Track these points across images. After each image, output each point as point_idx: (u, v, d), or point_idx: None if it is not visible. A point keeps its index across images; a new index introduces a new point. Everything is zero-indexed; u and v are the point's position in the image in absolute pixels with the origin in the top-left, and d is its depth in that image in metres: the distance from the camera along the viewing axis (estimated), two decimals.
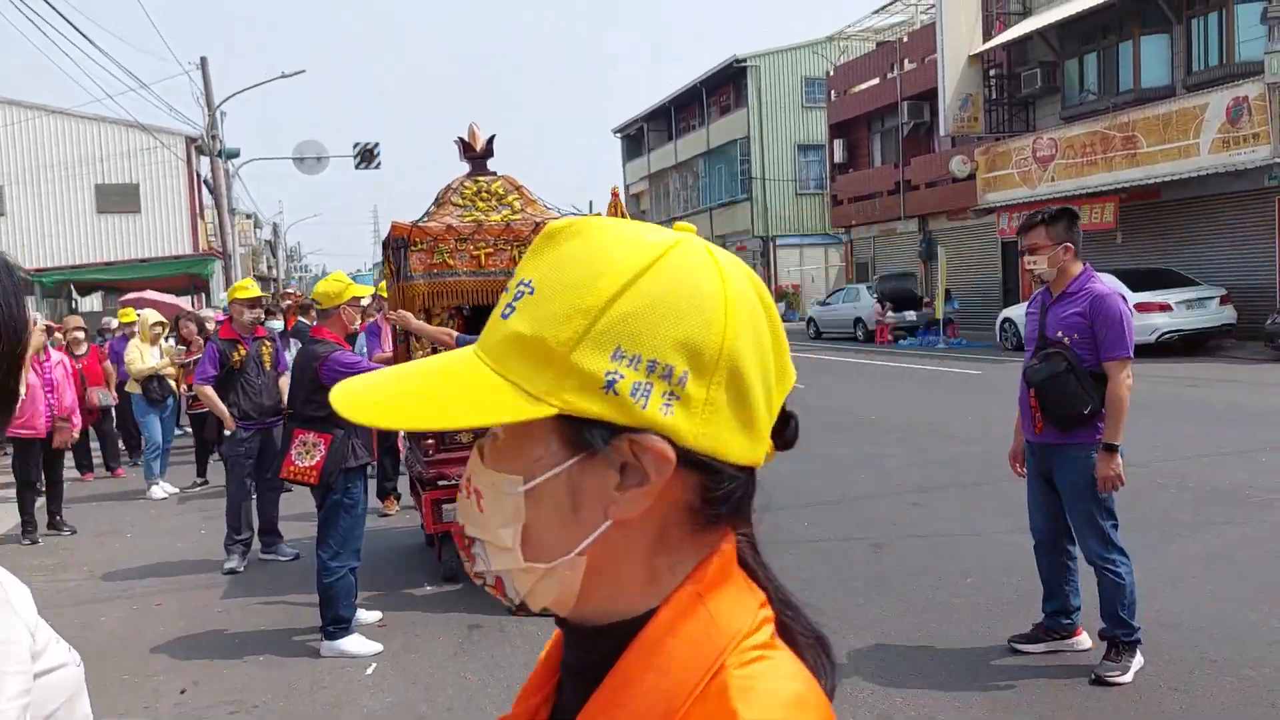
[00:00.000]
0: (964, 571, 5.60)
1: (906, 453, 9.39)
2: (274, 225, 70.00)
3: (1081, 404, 4.05)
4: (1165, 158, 18.72)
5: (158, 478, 9.70)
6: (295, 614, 5.54)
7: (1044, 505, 4.37)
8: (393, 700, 4.26)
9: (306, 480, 4.87)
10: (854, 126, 33.13)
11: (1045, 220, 4.23)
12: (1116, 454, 4.04)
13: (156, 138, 30.60)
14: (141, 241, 32.93)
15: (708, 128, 43.33)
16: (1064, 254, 4.18)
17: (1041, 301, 4.33)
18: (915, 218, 29.41)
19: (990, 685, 4.09)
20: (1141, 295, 16.60)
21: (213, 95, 25.20)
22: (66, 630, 4.05)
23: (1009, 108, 25.03)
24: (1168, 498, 7.00)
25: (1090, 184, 20.34)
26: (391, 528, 7.66)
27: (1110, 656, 4.10)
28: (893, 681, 4.17)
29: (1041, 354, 4.18)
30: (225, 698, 4.39)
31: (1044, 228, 4.21)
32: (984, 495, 7.37)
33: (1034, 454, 4.36)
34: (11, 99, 33.23)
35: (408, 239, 5.66)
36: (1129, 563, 4.15)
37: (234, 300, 7.18)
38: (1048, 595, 4.42)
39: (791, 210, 40.16)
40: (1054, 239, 4.19)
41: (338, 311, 4.99)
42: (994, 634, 4.62)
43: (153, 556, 7.15)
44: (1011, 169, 22.62)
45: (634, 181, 53.68)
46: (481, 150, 6.10)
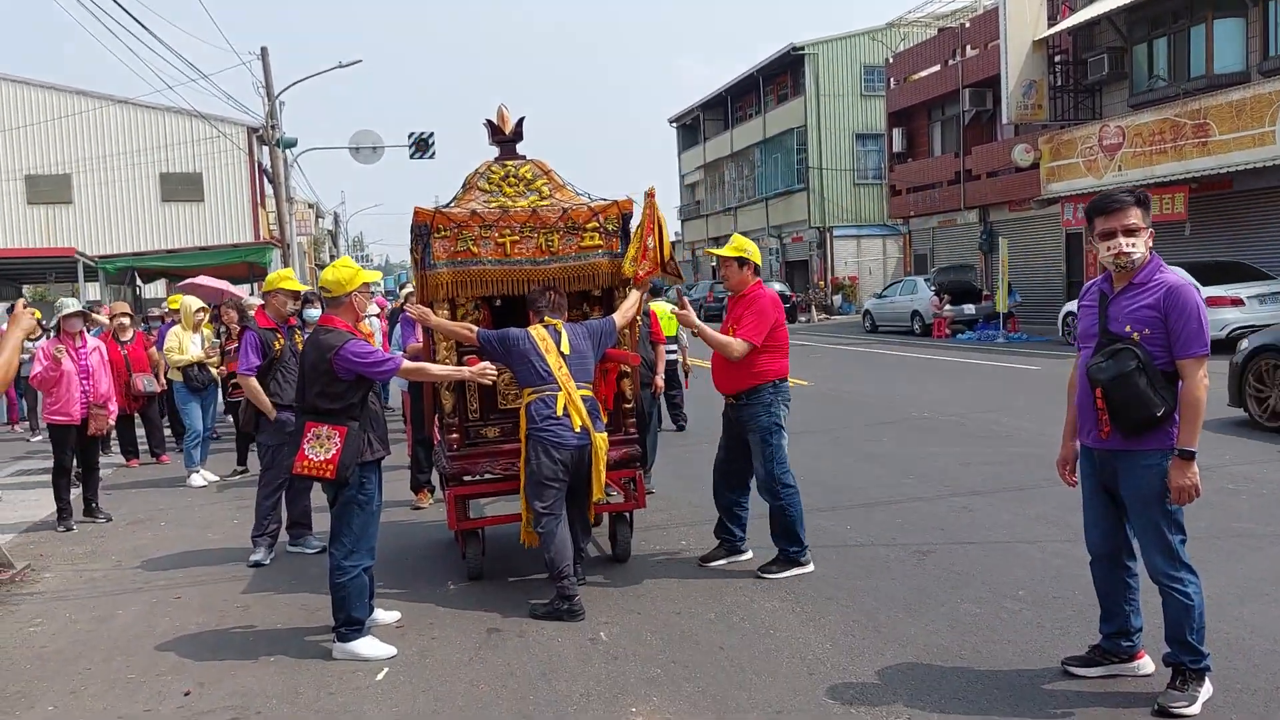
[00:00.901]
0: (1015, 584, 5.24)
1: (959, 453, 8.98)
2: (335, 215, 70.85)
3: (1154, 406, 3.67)
4: (1238, 146, 17.93)
5: (198, 466, 9.67)
6: (313, 612, 5.36)
7: (1103, 518, 3.99)
8: (399, 711, 4.04)
9: (322, 475, 4.66)
10: (913, 115, 32.40)
11: (1139, 201, 3.81)
12: (1193, 462, 3.67)
13: (218, 128, 30.99)
14: (204, 229, 33.44)
15: (764, 116, 42.78)
16: (1150, 239, 3.80)
17: (1100, 292, 3.93)
18: (976, 208, 28.69)
19: (1042, 712, 3.74)
20: (1212, 289, 15.92)
21: (272, 85, 25.39)
22: (82, 623, 3.90)
23: (1074, 95, 24.20)
24: (1238, 505, 6.55)
25: (1159, 174, 19.57)
26: (423, 521, 7.48)
27: (1176, 685, 3.73)
28: (934, 705, 3.85)
29: (1107, 350, 3.79)
30: (228, 701, 4.21)
31: (1139, 208, 3.79)
32: (1040, 500, 6.97)
33: (1093, 462, 3.97)
34: (80, 89, 33.89)
35: (431, 225, 5.43)
36: (1198, 582, 3.78)
37: (278, 290, 7.02)
38: (1106, 615, 4.06)
39: (849, 200, 39.50)
40: (1147, 222, 3.81)
41: (349, 299, 4.77)
42: (1046, 655, 4.26)
43: (182, 546, 7.05)
44: (1076, 158, 21.86)
45: (689, 171, 53.29)
46: (511, 133, 5.85)
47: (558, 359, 5.21)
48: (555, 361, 5.20)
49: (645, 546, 6.31)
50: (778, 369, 5.63)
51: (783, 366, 5.66)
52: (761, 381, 5.59)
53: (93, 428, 7.98)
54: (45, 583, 6.26)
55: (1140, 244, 3.78)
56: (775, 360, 5.62)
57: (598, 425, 5.29)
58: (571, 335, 5.36)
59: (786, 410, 5.67)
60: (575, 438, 5.14)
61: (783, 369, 5.66)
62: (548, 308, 5.40)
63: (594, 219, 5.63)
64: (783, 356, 5.67)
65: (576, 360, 5.29)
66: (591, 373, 5.41)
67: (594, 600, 5.22)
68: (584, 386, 5.29)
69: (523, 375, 5.26)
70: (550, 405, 5.14)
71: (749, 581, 5.53)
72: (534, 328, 5.32)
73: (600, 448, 5.25)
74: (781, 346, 5.65)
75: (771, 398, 5.59)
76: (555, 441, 5.12)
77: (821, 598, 5.19)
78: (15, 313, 4.68)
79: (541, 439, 5.14)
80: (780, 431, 5.61)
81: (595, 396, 5.40)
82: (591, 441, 5.21)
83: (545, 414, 5.14)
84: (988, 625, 4.67)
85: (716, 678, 4.22)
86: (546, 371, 5.18)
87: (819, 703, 3.93)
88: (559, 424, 5.13)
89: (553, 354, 5.21)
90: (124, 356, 10.39)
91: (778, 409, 5.60)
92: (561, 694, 4.13)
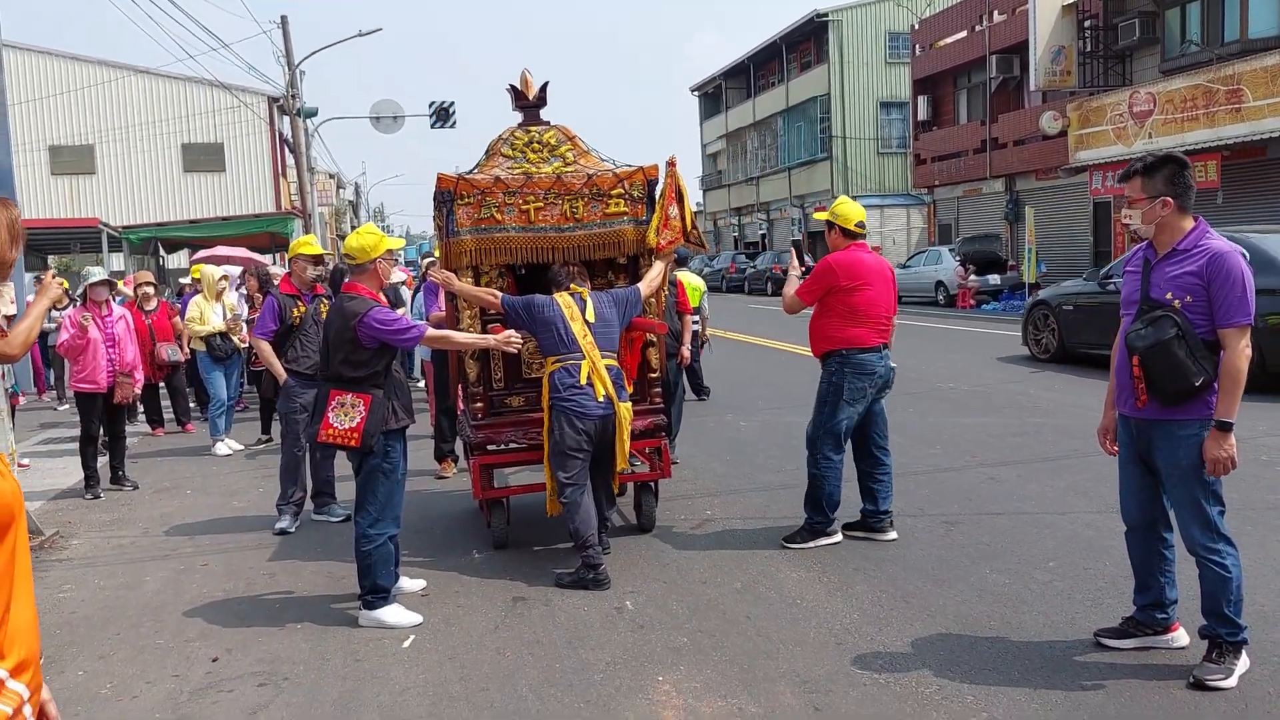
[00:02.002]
0: (1045, 555, 5.18)
1: (985, 424, 8.89)
2: (356, 185, 70.93)
3: (1193, 375, 3.58)
4: (1273, 112, 17.58)
5: (222, 435, 9.70)
6: (339, 580, 5.37)
7: (1139, 488, 3.92)
8: (426, 677, 4.04)
9: (347, 443, 4.63)
10: (939, 82, 31.98)
11: (1142, 170, 3.75)
12: (1230, 433, 3.58)
13: (238, 97, 30.98)
14: (226, 199, 33.53)
15: (787, 85, 42.35)
16: (1161, 208, 3.70)
17: (1144, 258, 3.84)
18: (1002, 177, 28.34)
19: (1074, 685, 3.69)
20: None
21: (293, 53, 25.31)
22: (110, 590, 3.89)
23: (1104, 60, 23.80)
24: (1273, 477, 6.45)
25: (1190, 141, 19.22)
26: (448, 490, 7.48)
27: (1211, 658, 3.67)
28: (963, 677, 3.80)
29: (1147, 317, 3.70)
30: (256, 668, 4.22)
31: (1140, 178, 3.73)
32: (1069, 471, 6.89)
33: (1131, 431, 3.90)
34: (101, 59, 33.92)
35: (454, 192, 5.38)
36: (1236, 553, 3.70)
37: (298, 256, 7.04)
38: (1140, 587, 4.00)
39: (873, 169, 39.12)
40: (1150, 192, 3.71)
41: (373, 266, 4.73)
42: (1078, 627, 4.21)
43: (208, 514, 7.09)
44: (1106, 125, 21.51)
45: (711, 141, 52.91)
46: (534, 98, 5.78)
47: (583, 327, 5.15)
48: (580, 329, 5.14)
49: (670, 516, 6.28)
50: (845, 337, 5.38)
51: (856, 335, 5.37)
52: (830, 348, 5.44)
53: (119, 396, 8.01)
54: (73, 549, 6.31)
55: (1136, 216, 3.74)
56: (843, 328, 5.39)
57: (622, 395, 5.22)
58: (597, 303, 5.29)
59: (860, 383, 5.39)
60: (599, 407, 5.08)
61: (855, 337, 5.37)
62: (568, 279, 5.37)
63: (619, 185, 5.56)
64: (858, 325, 5.38)
65: (602, 328, 5.23)
66: (616, 342, 5.35)
67: (619, 570, 5.20)
68: (608, 356, 5.23)
69: (546, 343, 5.19)
70: (574, 374, 5.08)
71: (774, 552, 5.49)
72: (560, 294, 5.26)
73: (625, 418, 5.19)
74: (857, 313, 5.37)
75: (838, 366, 5.41)
76: (579, 411, 5.05)
77: (849, 568, 5.15)
78: (45, 282, 4.90)
79: (565, 409, 5.08)
80: (839, 402, 5.40)
81: (620, 366, 5.34)
82: (615, 411, 5.14)
83: (569, 383, 5.08)
84: (1017, 596, 4.61)
85: (743, 647, 4.20)
86: (571, 339, 5.12)
87: (847, 672, 3.90)
88: (582, 393, 5.06)
89: (578, 321, 5.15)
90: (148, 326, 10.41)
91: (841, 379, 5.39)
92: (587, 662, 4.12)
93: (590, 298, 5.30)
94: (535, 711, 3.69)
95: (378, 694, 3.91)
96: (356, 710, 3.78)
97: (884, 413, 5.68)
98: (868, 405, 5.50)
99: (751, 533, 5.91)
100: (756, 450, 8.31)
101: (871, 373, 5.42)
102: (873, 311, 5.42)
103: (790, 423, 9.51)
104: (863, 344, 5.39)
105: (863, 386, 5.41)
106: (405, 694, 3.90)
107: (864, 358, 5.40)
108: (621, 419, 5.16)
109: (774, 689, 3.78)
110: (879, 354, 5.45)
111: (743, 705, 3.66)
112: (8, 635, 1.52)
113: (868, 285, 5.41)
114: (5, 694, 1.49)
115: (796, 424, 9.36)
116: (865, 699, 3.67)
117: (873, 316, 5.42)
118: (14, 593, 1.53)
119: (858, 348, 5.39)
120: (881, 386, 5.51)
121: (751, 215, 47.82)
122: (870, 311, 5.41)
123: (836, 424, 5.45)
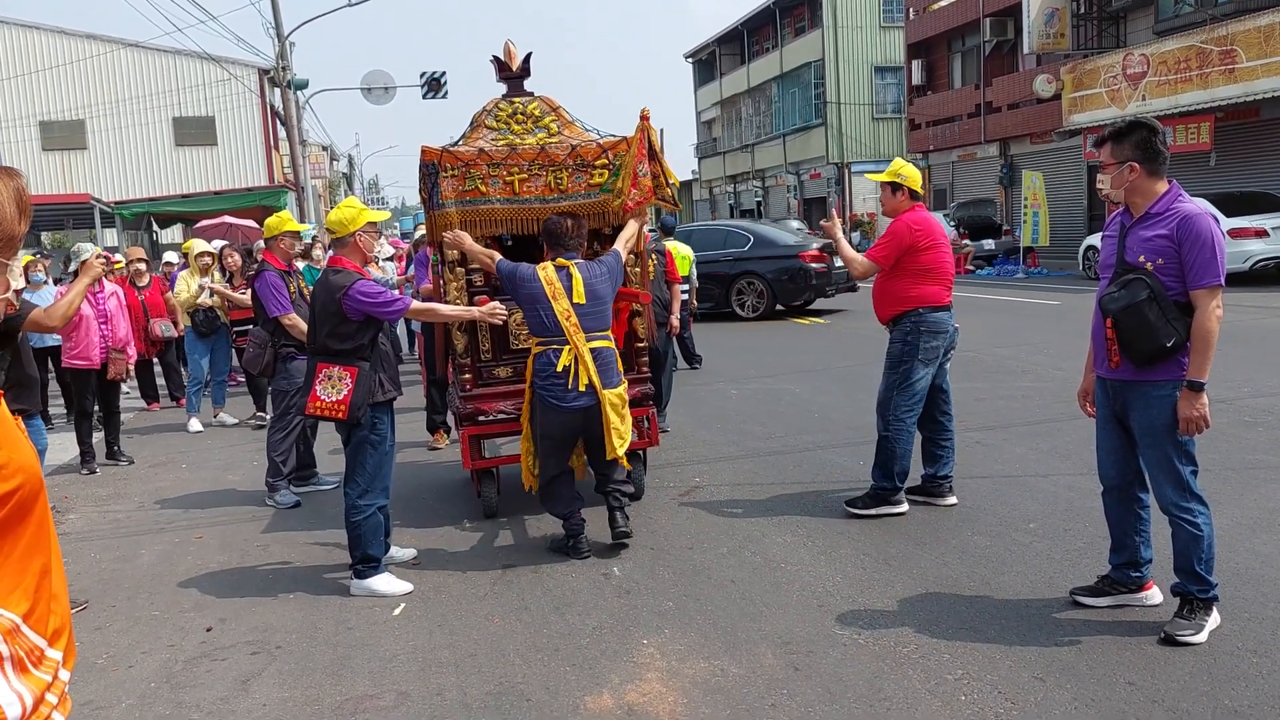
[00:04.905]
0: (1026, 517, 5.26)
1: (973, 389, 8.96)
2: (349, 157, 70.61)
3: (1164, 336, 3.63)
4: (1266, 73, 17.53)
5: (196, 411, 9.54)
6: (331, 550, 5.45)
7: (1115, 449, 3.99)
8: (415, 644, 4.12)
9: (334, 415, 4.68)
10: (933, 46, 31.79)
11: (1112, 136, 3.79)
12: (1202, 393, 3.64)
13: (228, 70, 30.78)
14: (219, 173, 33.36)
15: (781, 50, 42.07)
16: (1129, 173, 3.73)
17: (1120, 223, 3.88)
18: (996, 141, 28.25)
19: (1050, 641, 3.78)
20: (1236, 220, 15.70)
21: (282, 25, 25.12)
22: (106, 563, 3.96)
23: (1098, 22, 23.70)
24: (1254, 438, 6.52)
25: (1184, 103, 19.19)
26: (439, 461, 7.55)
27: (1183, 614, 3.75)
28: (942, 634, 3.89)
29: (1120, 280, 3.75)
30: (249, 637, 4.30)
31: (1110, 144, 3.78)
32: (1054, 435, 6.96)
33: (1107, 392, 3.96)
34: (89, 32, 33.64)
35: (438, 164, 5.40)
36: (1208, 513, 3.77)
37: (285, 233, 7.02)
38: (1116, 546, 4.07)
39: (868, 135, 38.93)
40: (1120, 157, 3.75)
41: (353, 239, 4.76)
42: (1056, 586, 4.29)
43: (202, 488, 7.16)
44: (1099, 88, 21.45)
45: (706, 108, 52.60)
46: (518, 69, 5.77)
47: (566, 307, 4.89)
48: (563, 309, 4.88)
49: (659, 484, 6.35)
50: (921, 295, 5.31)
51: (930, 293, 5.33)
52: (904, 309, 5.35)
53: (112, 371, 8.06)
54: (70, 524, 6.38)
55: (1108, 181, 3.80)
56: (918, 286, 5.32)
57: (612, 379, 4.96)
58: (588, 276, 5.01)
59: (935, 340, 5.34)
60: (577, 398, 4.85)
61: (929, 296, 5.32)
62: (566, 240, 5.12)
63: (603, 156, 5.58)
64: (931, 282, 5.34)
65: (591, 308, 4.96)
66: (609, 319, 5.10)
67: (607, 536, 5.25)
68: (597, 337, 4.97)
69: (531, 322, 5.01)
70: (553, 361, 4.87)
71: (761, 517, 5.56)
72: (543, 267, 5.01)
73: (614, 405, 4.93)
74: (930, 271, 5.34)
75: (913, 325, 5.33)
76: (553, 402, 4.88)
77: (833, 532, 5.23)
78: (88, 261, 5.47)
79: (541, 396, 4.94)
80: (913, 363, 5.33)
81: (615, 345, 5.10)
82: (599, 400, 4.88)
83: (547, 371, 4.89)
84: (997, 557, 4.69)
85: (728, 610, 4.28)
86: (552, 322, 4.88)
87: (828, 633, 3.98)
88: (558, 383, 4.85)
89: (560, 301, 4.89)
90: (141, 302, 10.44)
91: (916, 339, 5.33)
92: (574, 627, 4.19)
93: (579, 270, 5.01)
94: (522, 676, 3.77)
95: (368, 661, 4.00)
96: (347, 677, 3.86)
97: (947, 376, 5.63)
98: (937, 366, 5.49)
99: (739, 499, 5.98)
100: (746, 418, 8.37)
101: (944, 330, 5.40)
102: (944, 270, 5.44)
103: (781, 390, 9.57)
104: (937, 301, 5.38)
105: (937, 346, 5.39)
106: (394, 660, 3.98)
107: (938, 316, 5.38)
108: (608, 407, 4.90)
109: (756, 650, 3.86)
110: (949, 312, 5.45)
111: (725, 666, 3.74)
112: (45, 604, 1.55)
113: (940, 244, 5.42)
114: (45, 661, 1.52)
115: (787, 391, 9.45)
116: (844, 659, 3.75)
117: (944, 275, 5.44)
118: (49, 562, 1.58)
119: (932, 306, 5.36)
120: (948, 347, 5.51)
121: (747, 183, 47.66)
122: (942, 270, 5.42)
123: (913, 384, 5.37)
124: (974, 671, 3.58)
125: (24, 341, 5.24)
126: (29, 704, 1.45)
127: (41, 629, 1.53)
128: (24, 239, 1.70)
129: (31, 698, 1.46)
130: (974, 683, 3.49)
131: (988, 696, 3.39)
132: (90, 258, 5.46)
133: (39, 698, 1.48)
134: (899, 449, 5.36)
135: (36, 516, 1.54)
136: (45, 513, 1.57)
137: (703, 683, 3.63)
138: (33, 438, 5.10)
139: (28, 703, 1.45)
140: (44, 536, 1.56)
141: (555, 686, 3.67)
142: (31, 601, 1.51)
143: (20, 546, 1.50)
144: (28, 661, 1.49)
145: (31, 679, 1.48)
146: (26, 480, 1.50)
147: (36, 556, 1.53)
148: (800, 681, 3.58)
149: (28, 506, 1.51)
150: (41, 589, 1.54)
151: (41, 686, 1.49)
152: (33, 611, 1.51)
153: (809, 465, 6.61)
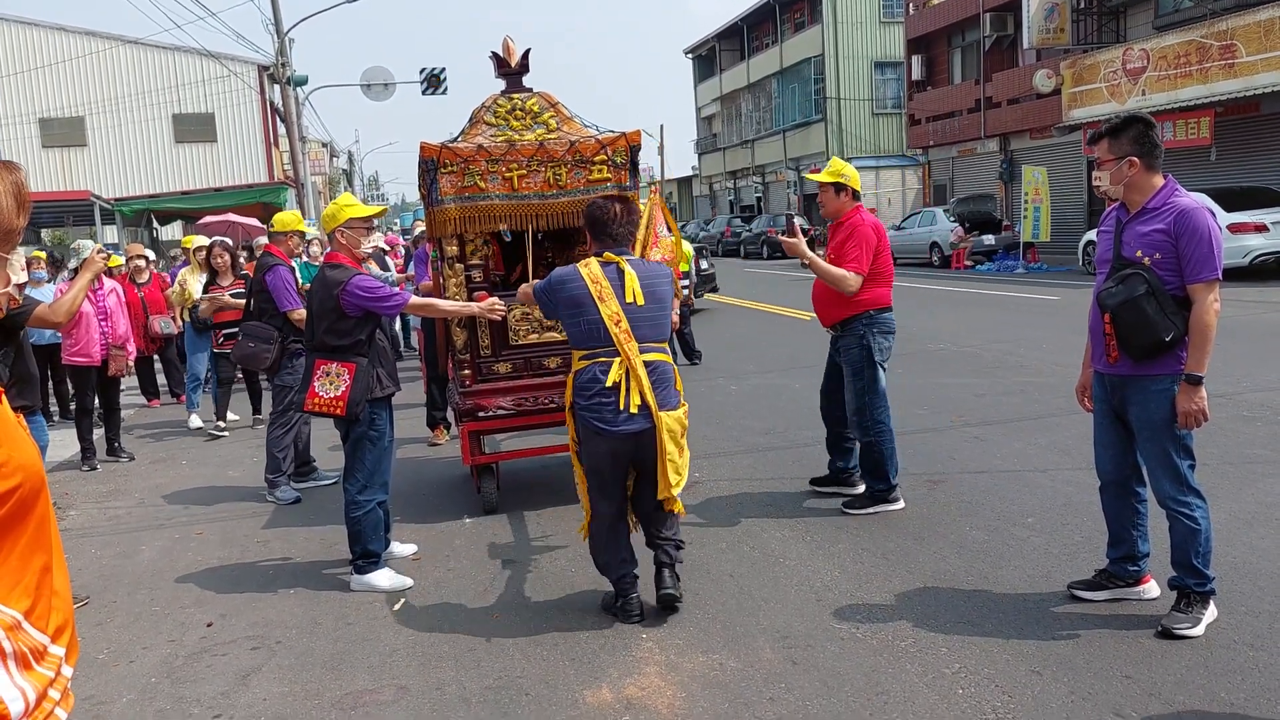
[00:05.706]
0: (1024, 511, 5.27)
1: (973, 384, 8.97)
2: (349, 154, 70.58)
3: (1162, 330, 3.64)
4: (1266, 68, 17.52)
5: (196, 408, 9.55)
6: (331, 545, 5.46)
7: (1113, 443, 4.00)
8: (415, 639, 4.14)
9: (333, 411, 4.70)
10: (933, 41, 31.79)
11: (1108, 132, 3.80)
12: (1201, 386, 3.65)
13: (228, 67, 30.75)
14: (219, 170, 33.37)
15: (781, 46, 42.07)
16: (1128, 169, 3.74)
17: (1117, 218, 3.90)
18: (996, 137, 28.25)
19: (1047, 635, 3.79)
20: (1236, 215, 15.68)
21: (281, 21, 25.10)
22: (107, 559, 3.97)
23: (1098, 17, 23.67)
24: (1252, 432, 6.53)
25: (1184, 98, 19.17)
26: (439, 457, 7.56)
27: (1180, 608, 3.76)
28: (940, 628, 3.90)
29: (1118, 275, 3.76)
30: (249, 632, 4.32)
31: (1107, 140, 3.79)
32: (1053, 430, 6.97)
33: (1105, 387, 3.97)
34: (89, 29, 33.61)
35: (437, 160, 5.40)
36: (1205, 506, 3.78)
37: (293, 232, 7.04)
38: (1114, 540, 4.08)
39: (868, 131, 38.96)
40: (1117, 152, 3.76)
41: (337, 234, 4.78)
42: (1053, 580, 4.30)
43: (203, 484, 7.17)
44: (1099, 83, 21.44)
45: (706, 104, 52.59)
46: (517, 65, 5.78)
47: (615, 310, 4.01)
48: (611, 313, 4.00)
49: None
50: (872, 298, 5.35)
51: (880, 295, 5.37)
52: (856, 311, 5.36)
53: (113, 368, 8.08)
54: (70, 520, 6.39)
55: (1105, 177, 3.80)
56: (870, 289, 5.34)
57: (670, 400, 4.07)
58: (644, 274, 4.13)
59: (886, 342, 5.41)
60: (628, 420, 3.94)
61: (879, 298, 5.37)
62: (613, 229, 4.19)
63: (602, 151, 5.58)
64: (881, 285, 5.38)
65: (649, 312, 4.08)
66: (668, 328, 4.25)
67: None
68: (654, 349, 4.08)
69: (572, 332, 4.11)
70: (600, 377, 3.98)
71: (760, 512, 5.58)
72: (585, 264, 4.12)
73: (673, 431, 4.02)
74: (881, 274, 5.37)
75: (865, 329, 5.36)
76: (600, 426, 3.98)
77: (832, 527, 5.24)
78: (89, 258, 5.41)
79: (585, 419, 4.03)
80: (874, 365, 5.37)
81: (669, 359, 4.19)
82: (655, 424, 3.97)
83: (593, 388, 3.99)
84: (996, 552, 4.71)
85: (726, 604, 4.29)
86: (600, 329, 4.00)
87: (826, 627, 3.99)
88: (606, 403, 3.96)
89: (609, 303, 4.01)
90: (140, 299, 10.45)
91: (872, 340, 5.36)
92: (574, 622, 4.21)
93: (633, 268, 4.11)
94: (521, 670, 3.79)
95: (368, 655, 4.01)
96: (347, 672, 3.88)
97: None
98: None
99: (738, 494, 5.99)
100: (745, 413, 8.38)
101: (893, 330, 5.47)
102: (890, 271, 5.49)
103: (780, 385, 9.58)
104: (885, 303, 5.43)
105: (889, 345, 5.45)
106: (394, 655, 4.00)
107: (888, 316, 5.44)
108: (664, 433, 3.99)
109: (754, 644, 3.88)
110: (892, 312, 5.51)
111: (723, 660, 3.76)
112: (47, 601, 1.56)
113: (887, 245, 5.48)
114: (47, 658, 1.53)
115: (786, 387, 9.45)
116: (842, 652, 3.76)
117: (890, 276, 5.49)
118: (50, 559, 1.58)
119: (883, 307, 5.41)
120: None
121: (747, 178, 47.66)
122: (889, 271, 5.47)
123: (879, 386, 5.41)
124: (971, 665, 3.59)
125: (26, 338, 5.26)
126: (32, 699, 1.47)
127: (43, 625, 1.54)
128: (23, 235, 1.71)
129: (34, 693, 1.47)
130: (971, 676, 3.51)
131: (985, 690, 3.41)
132: (91, 254, 5.48)
133: (42, 693, 1.49)
134: (885, 450, 5.41)
135: (38, 514, 1.54)
136: (47, 510, 1.57)
137: (701, 677, 3.64)
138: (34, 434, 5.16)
139: (30, 698, 1.46)
140: (46, 534, 1.57)
141: (554, 681, 3.68)
142: (33, 598, 1.52)
143: (21, 544, 1.51)
144: (30, 657, 1.50)
145: (34, 675, 1.49)
146: (27, 478, 1.51)
147: (38, 554, 1.54)
148: (798, 675, 3.60)
149: (29, 504, 1.52)
150: (43, 586, 1.55)
151: (44, 682, 1.51)
152: (34, 608, 1.52)
153: (808, 461, 6.62)
